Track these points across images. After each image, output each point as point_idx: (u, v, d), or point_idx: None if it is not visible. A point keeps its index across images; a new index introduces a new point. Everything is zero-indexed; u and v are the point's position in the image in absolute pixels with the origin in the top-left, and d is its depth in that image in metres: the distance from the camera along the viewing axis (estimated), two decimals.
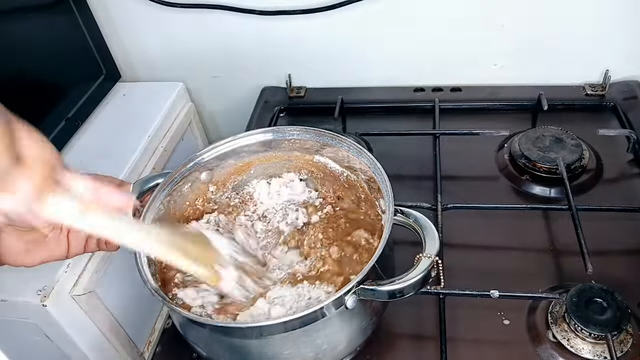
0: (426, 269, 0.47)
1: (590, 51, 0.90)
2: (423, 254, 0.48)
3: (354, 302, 0.46)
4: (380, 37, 0.93)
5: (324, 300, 0.46)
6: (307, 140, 0.62)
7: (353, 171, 0.62)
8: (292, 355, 0.49)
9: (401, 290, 0.46)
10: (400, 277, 0.47)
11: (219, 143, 0.62)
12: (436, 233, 0.50)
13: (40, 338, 0.71)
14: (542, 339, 0.58)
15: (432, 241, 0.49)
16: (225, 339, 0.50)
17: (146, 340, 0.84)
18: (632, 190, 0.75)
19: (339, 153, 0.61)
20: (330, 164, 0.63)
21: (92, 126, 0.92)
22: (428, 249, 0.49)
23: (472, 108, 0.91)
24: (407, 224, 0.52)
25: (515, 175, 0.78)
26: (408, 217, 0.52)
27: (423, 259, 0.47)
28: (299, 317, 0.45)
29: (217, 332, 0.50)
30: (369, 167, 0.57)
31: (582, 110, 0.88)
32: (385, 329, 0.61)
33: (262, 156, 0.65)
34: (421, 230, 0.51)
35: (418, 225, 0.51)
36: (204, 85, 1.07)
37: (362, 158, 0.58)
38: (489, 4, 0.87)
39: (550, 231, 0.70)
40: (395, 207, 0.52)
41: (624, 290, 0.58)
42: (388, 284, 0.47)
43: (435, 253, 0.48)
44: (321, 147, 0.62)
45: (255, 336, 0.48)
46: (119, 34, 1.01)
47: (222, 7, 0.93)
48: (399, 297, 0.47)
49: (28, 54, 0.80)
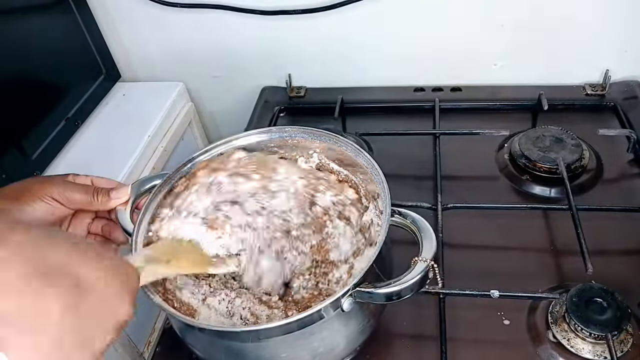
0: (423, 271, 0.46)
1: (590, 51, 0.90)
2: (419, 257, 0.47)
3: (351, 304, 0.46)
4: (380, 37, 0.93)
5: (320, 303, 0.45)
6: (305, 139, 0.62)
7: (352, 171, 0.61)
8: (290, 357, 0.49)
9: (398, 292, 0.46)
10: (397, 280, 0.46)
11: (218, 143, 0.61)
12: (433, 235, 0.49)
13: None
14: (542, 339, 0.58)
15: (429, 243, 0.49)
16: (222, 343, 0.49)
17: (146, 340, 0.84)
18: (632, 190, 0.75)
19: (338, 152, 0.61)
20: (331, 165, 0.63)
21: (92, 126, 0.92)
22: (425, 251, 0.48)
23: (472, 108, 0.91)
24: (405, 225, 0.52)
25: (515, 175, 0.78)
26: (405, 218, 0.52)
27: (419, 262, 0.47)
28: (295, 321, 0.44)
29: (214, 336, 0.49)
30: (367, 167, 0.57)
31: (582, 110, 0.88)
32: (385, 329, 0.61)
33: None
34: (418, 232, 0.50)
35: (415, 226, 0.51)
36: (204, 85, 1.07)
37: (360, 158, 0.58)
38: (489, 4, 0.87)
39: (551, 231, 0.70)
40: (393, 208, 0.51)
41: (624, 290, 0.58)
42: (385, 287, 0.46)
43: (431, 256, 0.47)
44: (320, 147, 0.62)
45: (252, 340, 0.48)
46: (119, 34, 1.01)
47: (222, 7, 0.93)
48: (396, 299, 0.46)
49: (28, 53, 0.80)
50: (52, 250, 0.34)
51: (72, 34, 0.90)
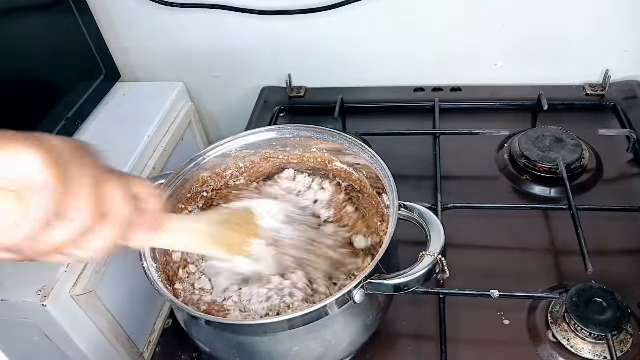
0: (431, 264, 0.48)
1: (590, 51, 0.90)
2: (427, 251, 0.48)
3: (362, 296, 0.47)
4: (380, 37, 0.93)
5: (331, 297, 0.46)
6: (308, 138, 0.62)
7: (356, 169, 0.62)
8: (301, 351, 0.49)
9: (407, 284, 0.47)
10: (404, 272, 0.48)
11: (220, 143, 0.62)
12: (442, 228, 0.50)
13: (40, 338, 0.71)
14: (542, 339, 0.58)
15: (437, 235, 0.50)
16: (232, 337, 0.50)
17: (146, 340, 0.84)
18: (632, 190, 0.75)
19: (342, 151, 0.61)
20: (336, 163, 0.64)
21: (92, 126, 0.92)
22: (433, 244, 0.49)
23: (472, 108, 0.91)
24: (412, 218, 0.53)
25: (515, 175, 0.78)
26: (412, 211, 0.52)
27: (426, 257, 0.48)
28: (307, 314, 0.46)
29: (225, 330, 0.50)
30: (371, 164, 0.57)
31: (582, 110, 0.88)
32: (386, 329, 0.61)
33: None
34: (426, 225, 0.51)
35: (423, 219, 0.52)
36: (204, 85, 1.07)
37: (365, 155, 0.58)
38: (489, 4, 0.87)
39: (550, 231, 0.70)
40: (400, 202, 0.52)
41: (624, 290, 0.58)
42: (394, 278, 0.47)
43: (440, 249, 0.48)
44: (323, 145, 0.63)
45: (262, 333, 0.49)
46: (119, 34, 1.01)
47: (222, 7, 0.93)
48: (404, 290, 0.48)
49: (28, 54, 0.80)
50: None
51: (72, 34, 0.90)
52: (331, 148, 0.62)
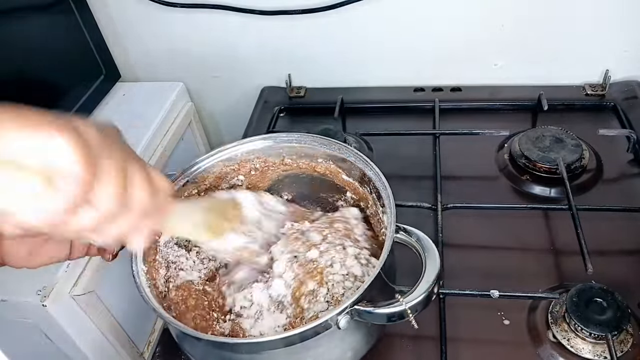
0: (427, 290, 0.46)
1: (590, 51, 0.90)
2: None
3: (347, 323, 0.45)
4: (380, 37, 0.93)
5: (316, 320, 0.44)
6: (313, 146, 0.61)
7: (361, 183, 0.60)
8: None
9: (401, 313, 0.45)
10: (397, 300, 0.45)
11: (227, 147, 0.61)
12: (437, 255, 0.49)
13: (40, 338, 0.71)
14: (542, 339, 0.58)
15: (432, 263, 0.48)
16: (219, 353, 0.49)
17: (146, 340, 0.84)
18: (632, 190, 0.75)
19: (347, 164, 0.60)
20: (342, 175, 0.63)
21: None
22: (428, 272, 0.47)
23: (472, 108, 0.91)
24: (409, 243, 0.51)
25: (515, 175, 0.78)
26: (410, 235, 0.51)
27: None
28: (292, 335, 0.44)
29: (212, 346, 0.49)
30: (375, 180, 0.56)
31: (582, 110, 0.88)
32: (385, 329, 0.61)
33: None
34: (423, 251, 0.50)
35: (420, 245, 0.50)
36: (204, 85, 1.07)
37: (369, 171, 0.56)
38: (489, 4, 0.87)
39: (550, 231, 0.70)
40: (398, 225, 0.50)
41: (624, 290, 0.58)
42: (385, 307, 0.45)
43: (434, 277, 0.47)
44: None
45: (248, 352, 0.47)
46: (119, 34, 1.01)
47: (222, 7, 0.93)
48: (393, 321, 0.45)
49: (28, 54, 0.80)
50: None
51: (72, 34, 0.90)
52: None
